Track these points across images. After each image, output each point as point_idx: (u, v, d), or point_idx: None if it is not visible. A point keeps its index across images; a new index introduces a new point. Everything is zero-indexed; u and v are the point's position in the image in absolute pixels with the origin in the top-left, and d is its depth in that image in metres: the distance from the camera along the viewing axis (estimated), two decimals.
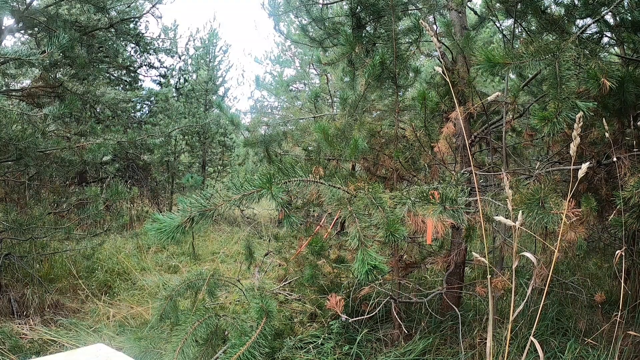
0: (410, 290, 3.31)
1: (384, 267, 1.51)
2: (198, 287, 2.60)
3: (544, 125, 1.76)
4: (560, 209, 1.69)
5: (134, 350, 2.90)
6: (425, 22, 2.70)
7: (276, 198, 1.54)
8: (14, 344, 2.93)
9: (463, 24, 3.22)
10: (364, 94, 3.04)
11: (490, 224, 2.52)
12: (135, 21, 7.64)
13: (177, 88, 10.19)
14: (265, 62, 12.95)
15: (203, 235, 7.09)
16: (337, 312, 2.55)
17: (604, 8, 2.48)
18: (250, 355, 1.78)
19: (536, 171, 2.59)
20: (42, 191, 5.03)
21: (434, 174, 3.06)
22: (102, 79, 7.32)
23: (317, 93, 4.81)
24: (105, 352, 1.41)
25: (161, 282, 4.48)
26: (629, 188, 1.97)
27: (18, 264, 3.89)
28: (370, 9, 3.11)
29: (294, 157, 3.90)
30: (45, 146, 3.74)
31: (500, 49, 3.07)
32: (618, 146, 2.38)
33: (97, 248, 4.64)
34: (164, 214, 1.57)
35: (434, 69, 3.26)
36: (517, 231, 1.29)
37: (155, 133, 5.05)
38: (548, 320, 2.96)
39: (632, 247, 2.83)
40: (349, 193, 1.84)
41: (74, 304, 3.93)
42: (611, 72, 1.86)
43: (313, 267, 3.34)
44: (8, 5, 3.33)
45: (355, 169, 4.81)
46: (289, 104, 7.53)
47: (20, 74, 4.94)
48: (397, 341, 2.92)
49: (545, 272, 2.25)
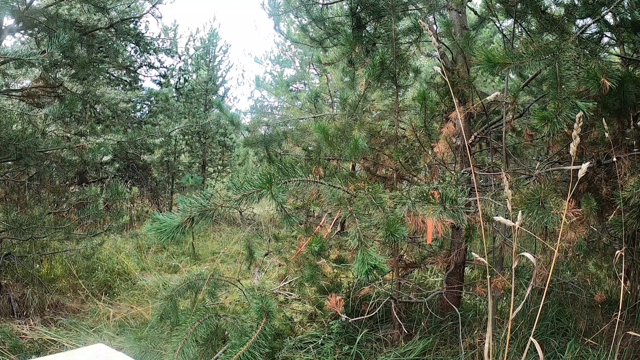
0: (410, 290, 3.31)
1: (384, 267, 1.51)
2: (198, 287, 2.60)
3: (544, 125, 1.76)
4: (560, 209, 1.69)
5: (134, 350, 2.90)
6: (425, 22, 2.70)
7: (276, 198, 1.54)
8: (14, 344, 2.93)
9: (463, 24, 3.22)
10: (364, 94, 3.05)
11: (490, 224, 2.52)
12: (135, 21, 7.64)
13: (177, 88, 10.20)
14: (265, 62, 12.95)
15: (203, 235, 7.08)
16: (337, 312, 2.55)
17: (604, 8, 2.48)
18: (251, 356, 1.78)
19: (536, 171, 2.59)
20: (42, 191, 5.03)
21: (434, 174, 3.06)
22: (102, 79, 7.33)
23: (317, 93, 4.81)
24: (105, 352, 1.41)
25: (161, 282, 4.48)
26: (629, 188, 1.97)
27: (18, 264, 3.89)
28: (370, 9, 3.11)
29: (294, 157, 3.90)
30: (45, 146, 3.74)
31: (500, 49, 3.08)
32: (618, 146, 2.38)
33: (97, 248, 4.64)
34: (164, 214, 1.57)
35: (434, 69, 3.26)
36: (517, 231, 1.28)
37: (155, 133, 5.04)
38: (548, 320, 2.96)
39: (632, 247, 2.83)
40: (349, 193, 1.84)
41: (74, 304, 3.93)
42: (611, 72, 1.87)
43: (313, 267, 3.34)
44: (8, 5, 3.33)
45: (355, 169, 4.82)
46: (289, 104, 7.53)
47: (20, 74, 4.94)
48: (397, 341, 2.92)
49: (545, 272, 2.25)
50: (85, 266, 4.69)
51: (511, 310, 1.29)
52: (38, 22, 4.27)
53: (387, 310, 3.06)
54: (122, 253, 5.38)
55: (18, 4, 3.74)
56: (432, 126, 3.10)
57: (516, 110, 3.02)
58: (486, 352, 1.34)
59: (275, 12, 5.29)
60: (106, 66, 7.11)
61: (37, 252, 4.22)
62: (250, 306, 2.63)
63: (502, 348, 2.37)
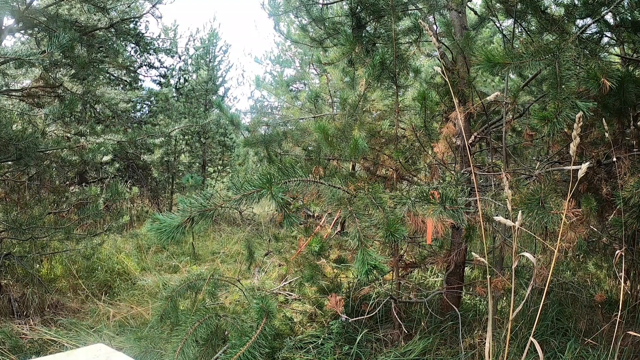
0: (410, 290, 3.31)
1: (384, 267, 1.51)
2: (198, 288, 2.60)
3: (544, 125, 1.76)
4: (560, 209, 1.69)
5: (134, 350, 2.90)
6: (425, 22, 2.70)
7: (276, 198, 1.54)
8: (14, 344, 2.93)
9: (463, 24, 3.22)
10: (364, 94, 3.05)
11: (490, 224, 2.52)
12: (135, 21, 7.64)
13: (177, 88, 10.20)
14: (265, 62, 12.94)
15: (203, 235, 7.08)
16: (337, 312, 2.55)
17: (604, 8, 2.48)
18: (251, 356, 1.78)
19: (536, 171, 2.59)
20: (42, 191, 5.03)
21: (434, 174, 3.06)
22: (102, 79, 7.33)
23: (317, 93, 4.81)
24: (105, 352, 1.41)
25: (161, 282, 4.48)
26: (629, 188, 1.97)
27: (18, 264, 3.88)
28: (370, 9, 3.11)
29: (294, 157, 3.90)
30: (45, 146, 3.73)
31: (500, 49, 3.08)
32: (618, 146, 2.38)
33: (97, 248, 4.64)
34: (164, 214, 1.57)
35: (434, 69, 3.26)
36: (517, 231, 1.29)
37: (155, 133, 5.03)
38: (548, 320, 2.96)
39: (632, 247, 2.83)
40: (349, 193, 1.84)
41: (74, 304, 3.93)
42: (611, 72, 1.87)
43: (313, 267, 3.34)
44: (8, 5, 3.33)
45: (355, 169, 4.82)
46: (289, 104, 7.53)
47: (20, 74, 4.94)
48: (397, 341, 2.92)
49: (545, 272, 2.25)
50: (85, 266, 4.68)
51: (511, 310, 1.29)
52: (38, 22, 4.27)
53: (387, 310, 3.06)
54: (122, 253, 5.38)
55: (18, 4, 3.74)
56: (432, 126, 3.10)
57: (516, 110, 3.02)
58: (486, 352, 1.34)
59: (275, 12, 5.30)
60: (106, 66, 7.11)
61: (37, 252, 4.22)
62: (250, 306, 2.63)
63: (502, 348, 2.37)
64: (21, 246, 4.23)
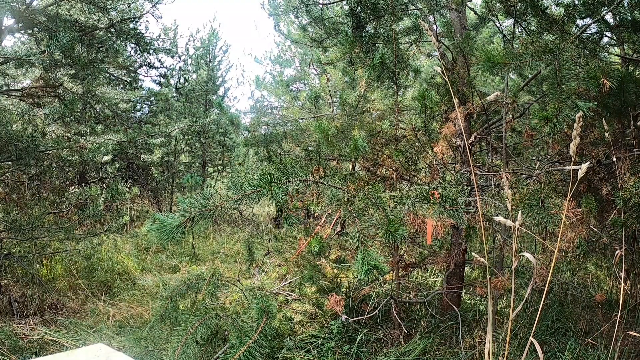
0: (410, 290, 3.31)
1: (384, 267, 1.51)
2: (198, 288, 2.60)
3: (544, 125, 1.76)
4: (560, 209, 1.69)
5: (134, 350, 2.90)
6: (425, 22, 2.70)
7: (276, 198, 1.54)
8: (14, 344, 2.93)
9: (463, 24, 3.22)
10: (364, 94, 3.05)
11: (490, 224, 2.52)
12: (135, 21, 7.64)
13: (177, 88, 10.20)
14: (265, 62, 12.93)
15: (203, 235, 7.08)
16: (337, 312, 2.55)
17: (604, 8, 2.48)
18: (251, 356, 1.78)
19: (536, 171, 2.59)
20: (42, 191, 5.03)
21: (434, 174, 3.06)
22: (102, 79, 7.32)
23: (317, 93, 4.81)
24: (105, 352, 1.41)
25: (161, 282, 4.48)
26: (629, 188, 1.97)
27: (18, 264, 3.88)
28: (370, 9, 3.11)
29: (294, 157, 3.90)
30: (45, 146, 3.73)
31: (500, 49, 3.08)
32: (618, 146, 2.38)
33: (97, 248, 4.64)
34: (164, 214, 1.57)
35: (434, 69, 3.26)
36: (517, 231, 1.29)
37: (155, 133, 5.03)
38: (548, 320, 2.96)
39: (632, 247, 2.83)
40: (349, 193, 1.84)
41: (74, 304, 3.93)
42: (611, 72, 1.87)
43: (313, 267, 3.34)
44: (8, 5, 3.33)
45: (355, 169, 4.82)
46: (289, 104, 7.53)
47: (20, 74, 4.94)
48: (397, 341, 2.92)
49: (545, 272, 2.25)
50: (85, 266, 4.68)
51: (511, 310, 1.29)
52: (38, 22, 4.27)
53: (387, 310, 3.06)
54: (122, 253, 5.38)
55: (18, 4, 3.74)
56: (432, 126, 3.10)
57: (516, 110, 3.02)
58: (486, 352, 1.34)
59: (275, 12, 5.30)
60: (106, 66, 7.11)
61: (37, 252, 4.22)
62: (250, 306, 2.63)
63: (502, 348, 2.37)
64: (21, 246, 4.23)
